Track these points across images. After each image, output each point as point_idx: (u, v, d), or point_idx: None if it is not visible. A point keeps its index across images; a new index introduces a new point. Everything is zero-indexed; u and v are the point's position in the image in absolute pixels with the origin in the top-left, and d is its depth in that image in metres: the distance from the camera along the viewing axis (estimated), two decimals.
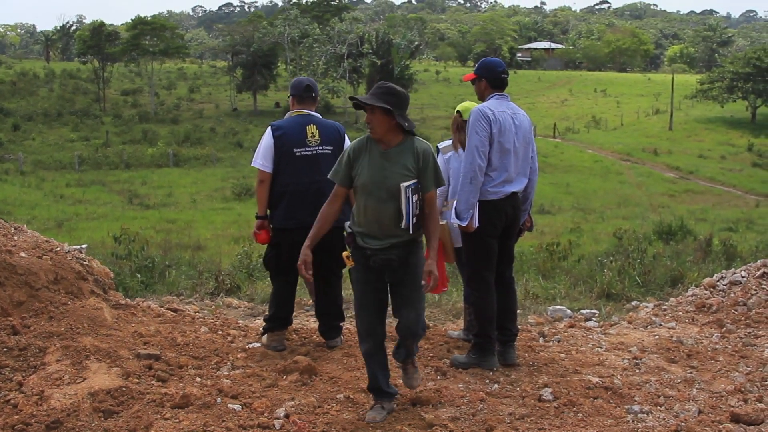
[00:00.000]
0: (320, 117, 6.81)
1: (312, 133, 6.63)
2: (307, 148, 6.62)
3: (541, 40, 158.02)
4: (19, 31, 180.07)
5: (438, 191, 5.39)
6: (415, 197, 5.07)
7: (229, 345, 6.75)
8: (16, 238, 7.29)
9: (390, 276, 5.22)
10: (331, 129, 6.76)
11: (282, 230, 6.68)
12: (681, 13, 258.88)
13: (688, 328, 7.66)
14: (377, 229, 5.14)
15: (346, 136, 6.81)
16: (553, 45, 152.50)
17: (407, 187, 5.04)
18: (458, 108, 6.95)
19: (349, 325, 7.85)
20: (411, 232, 5.09)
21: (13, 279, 6.38)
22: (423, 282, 5.11)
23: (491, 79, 6.39)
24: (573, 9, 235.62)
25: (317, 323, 7.13)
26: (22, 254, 6.77)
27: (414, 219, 5.09)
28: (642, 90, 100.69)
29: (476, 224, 6.13)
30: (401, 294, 5.24)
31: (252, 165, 6.77)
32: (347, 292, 10.05)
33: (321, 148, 6.64)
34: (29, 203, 33.17)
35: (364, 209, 5.16)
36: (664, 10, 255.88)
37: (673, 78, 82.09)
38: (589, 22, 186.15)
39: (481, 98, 6.47)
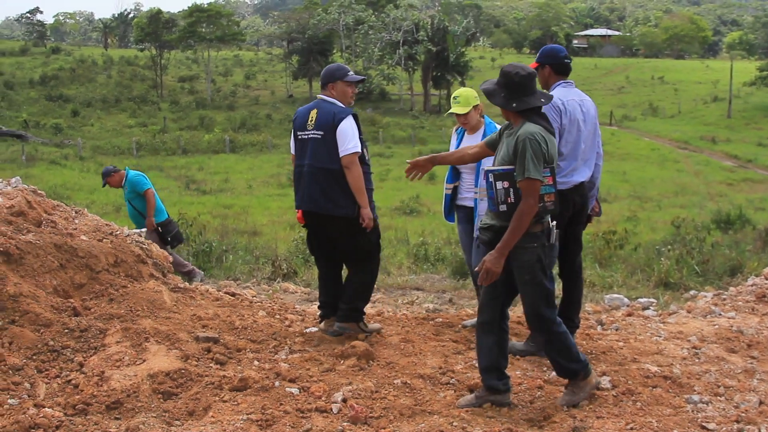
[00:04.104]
0: (333, 103, 6.61)
1: (312, 117, 6.55)
2: (305, 132, 6.58)
3: (597, 27, 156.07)
4: (77, 18, 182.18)
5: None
6: (502, 184, 4.89)
7: (286, 329, 6.79)
8: (77, 221, 7.40)
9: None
10: (326, 114, 6.51)
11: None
12: None
13: (749, 317, 7.55)
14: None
15: (346, 121, 6.46)
16: (610, 32, 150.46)
17: (490, 172, 4.94)
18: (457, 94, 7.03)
19: (370, 308, 7.84)
20: (503, 219, 4.94)
21: (74, 261, 6.48)
22: (476, 269, 4.97)
23: (555, 66, 6.25)
24: None
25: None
26: (83, 237, 6.87)
27: (504, 207, 4.91)
28: (700, 77, 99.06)
29: None
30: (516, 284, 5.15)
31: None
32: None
33: (314, 132, 6.52)
34: (88, 188, 33.59)
35: None
36: None
37: (731, 65, 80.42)
38: (646, 8, 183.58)
39: (546, 86, 6.28)
